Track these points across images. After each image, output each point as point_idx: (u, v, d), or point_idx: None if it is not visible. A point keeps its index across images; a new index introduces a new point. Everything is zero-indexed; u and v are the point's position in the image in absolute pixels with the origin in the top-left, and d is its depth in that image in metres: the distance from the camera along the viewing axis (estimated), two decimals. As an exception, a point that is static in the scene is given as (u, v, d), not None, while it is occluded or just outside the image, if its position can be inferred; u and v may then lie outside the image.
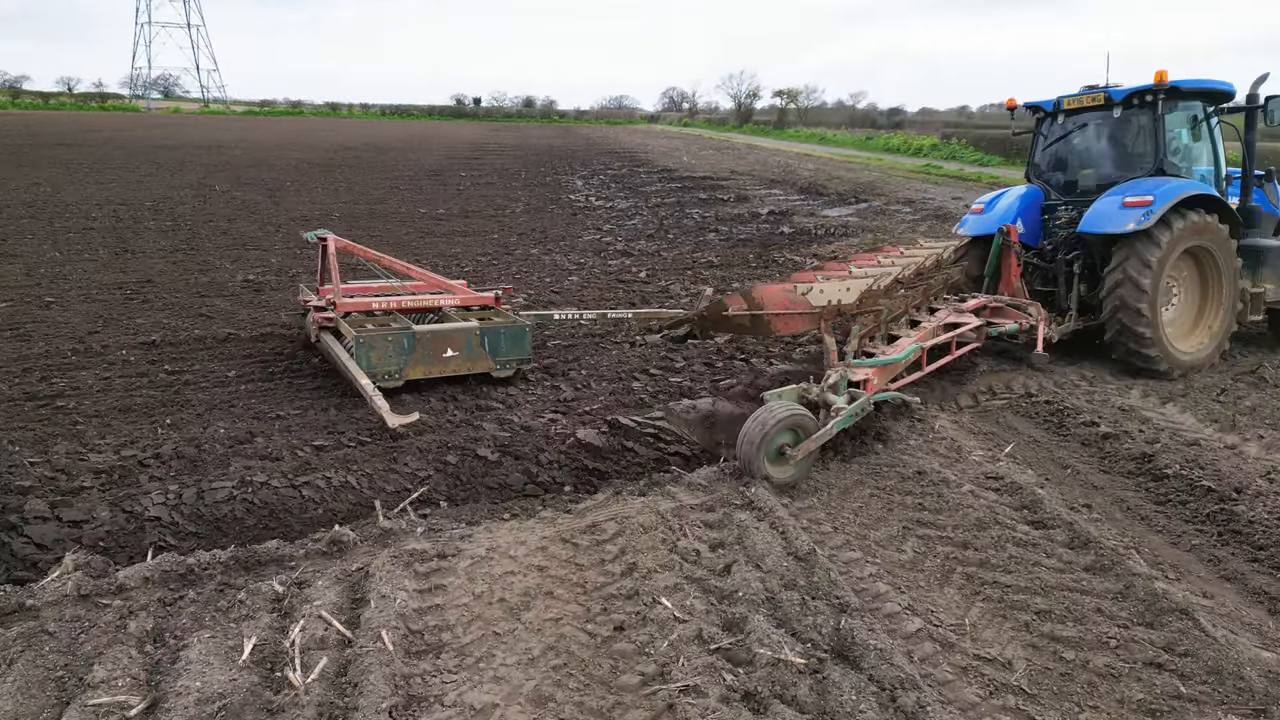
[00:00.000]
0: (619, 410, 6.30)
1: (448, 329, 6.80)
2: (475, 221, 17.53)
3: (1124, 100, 8.00)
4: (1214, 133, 8.34)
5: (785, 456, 5.21)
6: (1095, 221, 7.60)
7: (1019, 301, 7.76)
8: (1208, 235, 7.67)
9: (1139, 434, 6.16)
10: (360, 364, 6.26)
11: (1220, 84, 8.04)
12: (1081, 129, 8.56)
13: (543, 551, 4.43)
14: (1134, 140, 8.15)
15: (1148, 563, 4.42)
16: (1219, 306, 7.94)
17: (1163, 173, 7.84)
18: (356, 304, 7.30)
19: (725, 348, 8.30)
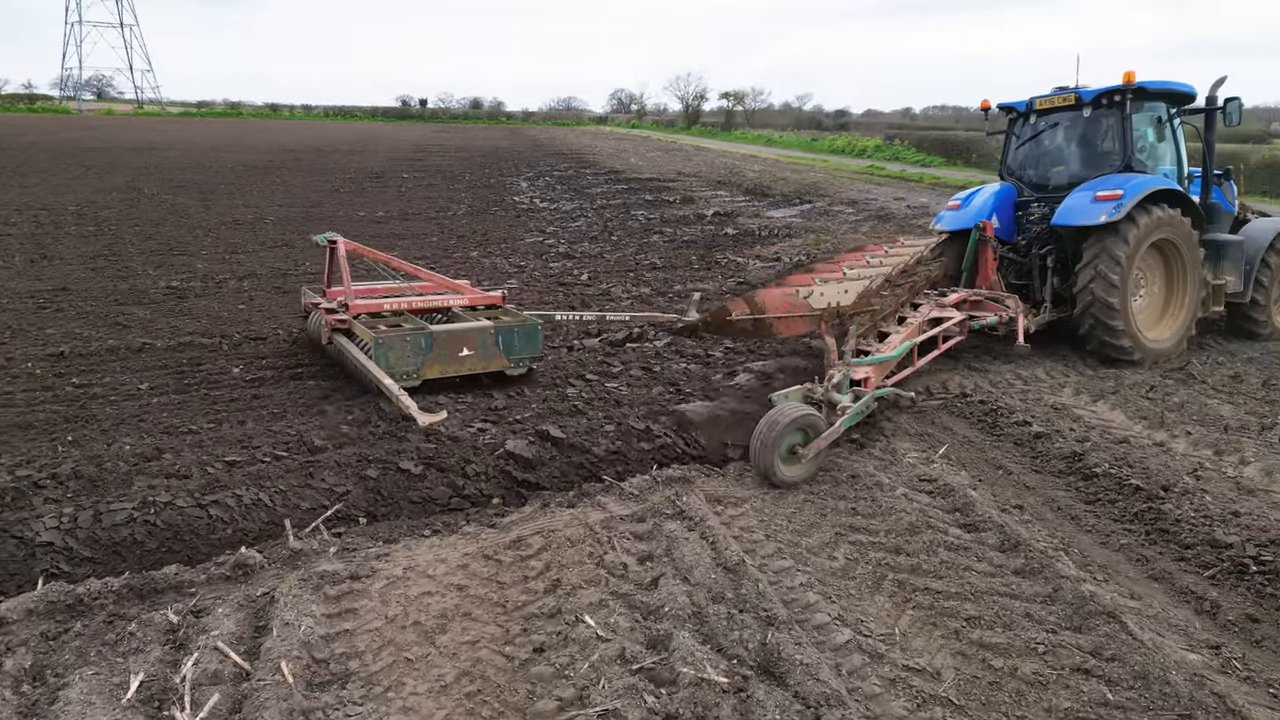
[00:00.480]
0: (552, 418, 6.13)
1: (464, 328, 6.78)
2: (415, 224, 17.18)
3: (1093, 100, 8.29)
4: (1176, 133, 8.68)
5: (797, 455, 5.37)
6: (1068, 215, 7.87)
7: (997, 295, 7.94)
8: (1173, 229, 7.95)
9: (1070, 432, 6.19)
10: (379, 364, 6.21)
11: (1183, 86, 8.37)
12: (1053, 128, 8.84)
13: (463, 569, 4.25)
14: (1103, 139, 8.44)
15: (1077, 564, 4.40)
16: (1184, 298, 8.24)
17: (1130, 170, 8.11)
18: (367, 305, 7.27)
19: (664, 351, 8.18)
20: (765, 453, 5.25)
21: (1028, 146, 9.02)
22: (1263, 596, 4.14)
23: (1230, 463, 5.80)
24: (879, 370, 6.34)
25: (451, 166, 32.66)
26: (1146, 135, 8.44)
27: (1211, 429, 6.43)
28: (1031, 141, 8.98)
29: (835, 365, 6.08)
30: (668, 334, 8.52)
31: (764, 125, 74.36)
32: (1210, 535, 4.60)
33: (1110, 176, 8.06)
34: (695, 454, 5.92)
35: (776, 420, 5.29)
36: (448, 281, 7.92)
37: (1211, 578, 4.36)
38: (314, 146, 43.33)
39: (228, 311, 9.55)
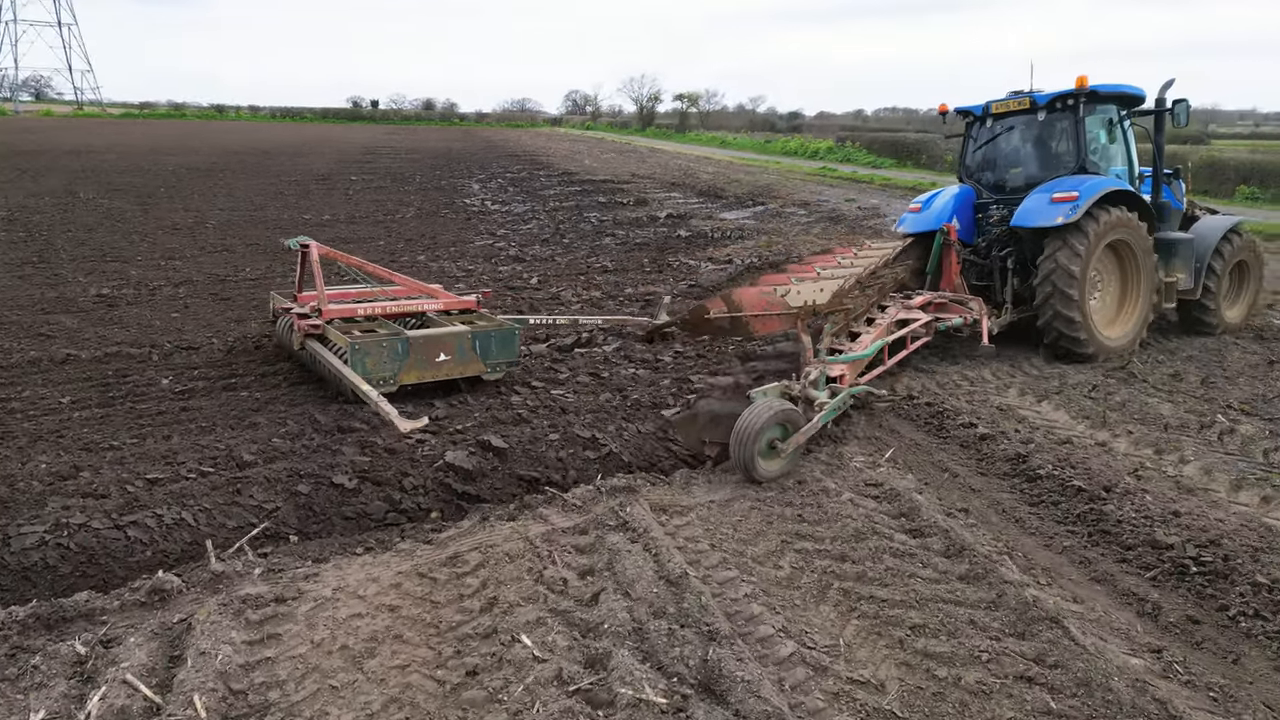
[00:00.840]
0: (494, 428, 5.97)
1: (441, 333, 6.69)
2: (362, 228, 16.84)
3: (1048, 104, 8.45)
4: (1127, 134, 8.89)
5: (776, 450, 5.43)
6: (1027, 216, 8.04)
7: (961, 297, 8.12)
8: (1127, 229, 8.15)
9: (1015, 434, 6.20)
10: (355, 370, 6.12)
11: (1132, 89, 8.58)
12: (1009, 131, 9.02)
13: (396, 589, 4.08)
14: (1057, 141, 8.63)
15: (1020, 568, 4.38)
16: (1138, 296, 8.42)
17: (1084, 171, 8.29)
18: (341, 310, 7.16)
19: (612, 356, 8.06)
20: (745, 448, 5.29)
21: (985, 149, 9.17)
22: (1203, 598, 4.16)
23: (1170, 462, 5.86)
24: (853, 368, 6.46)
25: (401, 168, 32.19)
26: (1099, 137, 8.60)
27: (1152, 428, 6.50)
28: (989, 144, 9.13)
29: (811, 362, 6.19)
30: (640, 336, 8.50)
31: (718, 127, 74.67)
32: (1151, 536, 4.61)
33: (1066, 179, 8.20)
34: (640, 463, 5.81)
35: (756, 416, 5.33)
36: (422, 286, 7.80)
37: (1153, 579, 4.37)
38: (260, 148, 42.43)
39: (160, 320, 9.21)
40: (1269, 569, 4.22)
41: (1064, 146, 8.56)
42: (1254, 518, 4.94)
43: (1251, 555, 4.35)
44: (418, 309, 7.35)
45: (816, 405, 5.73)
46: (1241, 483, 5.48)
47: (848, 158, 39.57)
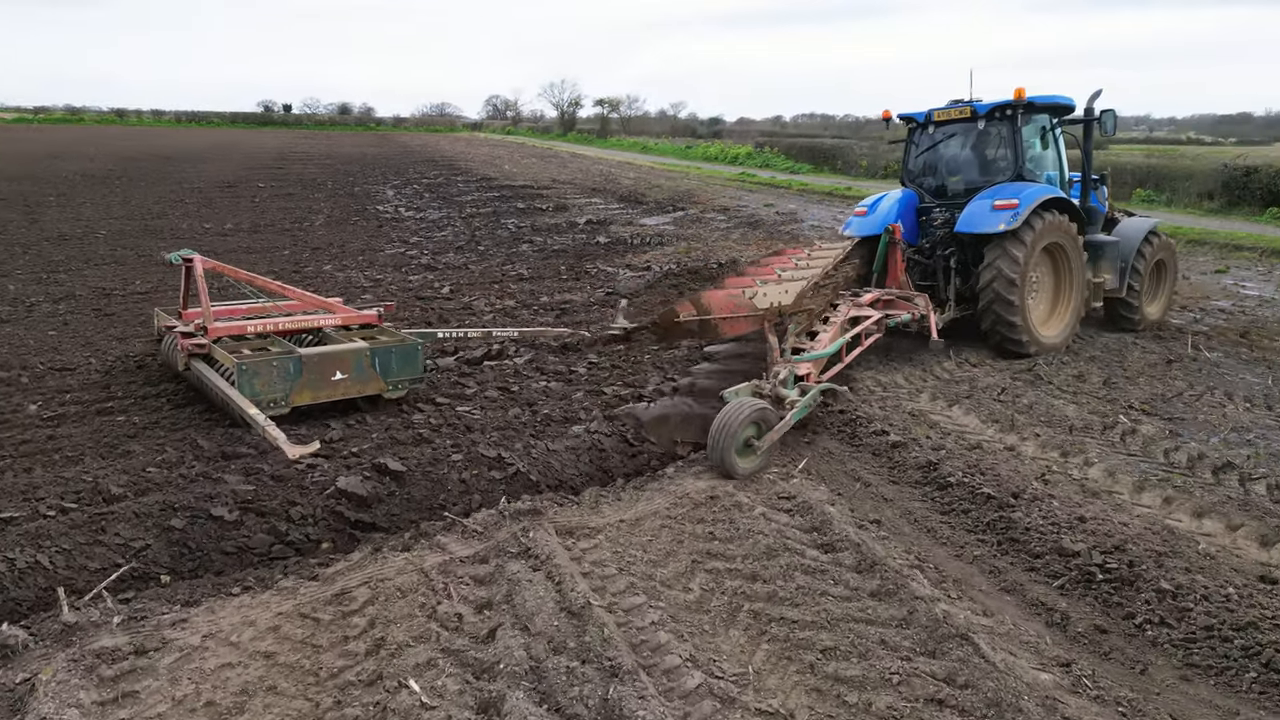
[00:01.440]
0: (393, 449, 5.66)
1: (337, 350, 6.33)
2: (266, 237, 16.13)
3: (987, 114, 8.84)
4: (1058, 141, 9.39)
5: (751, 448, 5.62)
6: (970, 222, 8.41)
7: (908, 294, 8.33)
8: (1062, 234, 8.60)
9: (926, 440, 6.19)
10: (243, 392, 5.75)
11: (1064, 99, 9.04)
12: (950, 138, 9.43)
13: (274, 633, 3.76)
14: (996, 149, 9.08)
15: (932, 582, 4.30)
16: (1070, 296, 8.89)
17: (1021, 178, 8.71)
18: (229, 328, 6.72)
19: (524, 369, 7.80)
20: (723, 447, 5.49)
21: (927, 155, 9.53)
22: (1109, 606, 4.15)
23: (1076, 464, 5.92)
24: (817, 366, 6.74)
25: (313, 175, 31.17)
26: (1034, 145, 9.01)
27: (1058, 430, 6.58)
28: (930, 150, 9.50)
29: (779, 362, 6.49)
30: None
31: (640, 132, 74.75)
32: (1058, 543, 4.61)
33: (1005, 185, 8.61)
34: (549, 482, 5.58)
35: (733, 416, 5.53)
36: (319, 300, 7.38)
37: (1061, 588, 4.35)
38: (161, 154, 40.62)
39: (35, 339, 8.55)
40: (1172, 574, 4.24)
41: (1002, 154, 8.96)
42: (1156, 520, 5.00)
43: (1156, 560, 4.38)
44: (314, 325, 6.96)
45: (788, 403, 5.97)
46: (1144, 484, 5.57)
47: (766, 163, 40.01)
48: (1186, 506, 5.23)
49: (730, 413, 5.58)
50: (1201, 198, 22.35)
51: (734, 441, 5.50)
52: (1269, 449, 6.27)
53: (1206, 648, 3.75)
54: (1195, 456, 6.04)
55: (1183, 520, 5.08)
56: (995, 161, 9.05)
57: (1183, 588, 4.11)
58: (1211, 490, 5.48)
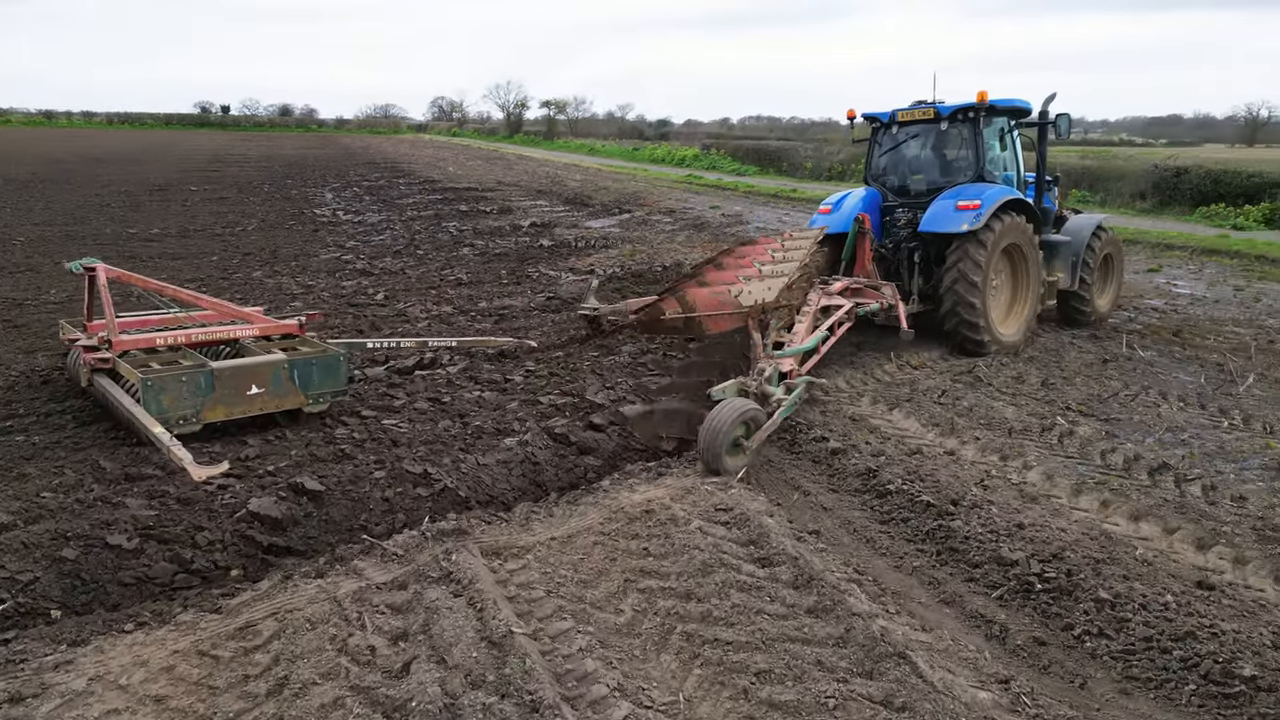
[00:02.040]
0: (312, 467, 5.36)
1: (252, 363, 6.00)
2: (195, 242, 15.54)
3: (950, 116, 9.06)
4: (1015, 143, 9.64)
5: (740, 447, 5.66)
6: (933, 222, 8.57)
7: (875, 283, 8.60)
8: (1020, 234, 8.78)
9: (866, 447, 6.09)
10: (149, 409, 5.40)
11: (1021, 102, 9.30)
12: (913, 139, 9.62)
13: (168, 673, 3.47)
14: (957, 150, 9.29)
15: (870, 596, 4.18)
16: (1027, 294, 9.12)
17: (982, 179, 8.92)
18: (137, 340, 6.33)
19: (457, 378, 7.53)
20: (713, 447, 5.53)
21: (890, 155, 9.72)
22: (1048, 616, 4.07)
23: (1015, 468, 5.87)
24: (799, 360, 6.78)
25: (250, 177, 30.32)
26: (994, 147, 9.21)
27: (997, 433, 6.55)
28: (894, 150, 9.70)
29: (762, 359, 6.54)
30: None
31: (588, 134, 74.49)
32: (997, 552, 4.52)
33: (967, 186, 8.80)
34: (479, 497, 5.35)
35: (723, 417, 5.57)
36: (235, 310, 6.99)
37: (1000, 598, 4.26)
38: (90, 156, 39.25)
39: (-68, 352, 8.01)
40: (1110, 582, 4.18)
41: (964, 155, 9.16)
42: (1094, 525, 4.95)
43: (1094, 568, 4.31)
44: (229, 336, 6.60)
45: (774, 401, 6.02)
46: (1081, 487, 5.53)
47: (713, 165, 40.09)
48: (1124, 510, 5.20)
49: (720, 414, 5.60)
50: (1134, 198, 22.93)
51: (724, 442, 5.53)
52: (1203, 448, 6.31)
53: (1146, 659, 3.68)
54: (1131, 458, 6.05)
55: (1120, 524, 5.05)
56: (957, 162, 9.26)
57: (1121, 596, 4.04)
58: (1148, 492, 5.47)
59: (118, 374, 6.00)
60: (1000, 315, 8.97)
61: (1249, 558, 4.58)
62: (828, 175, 33.58)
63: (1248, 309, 11.30)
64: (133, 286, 6.91)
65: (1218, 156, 34.90)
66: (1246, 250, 15.79)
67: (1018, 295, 9.19)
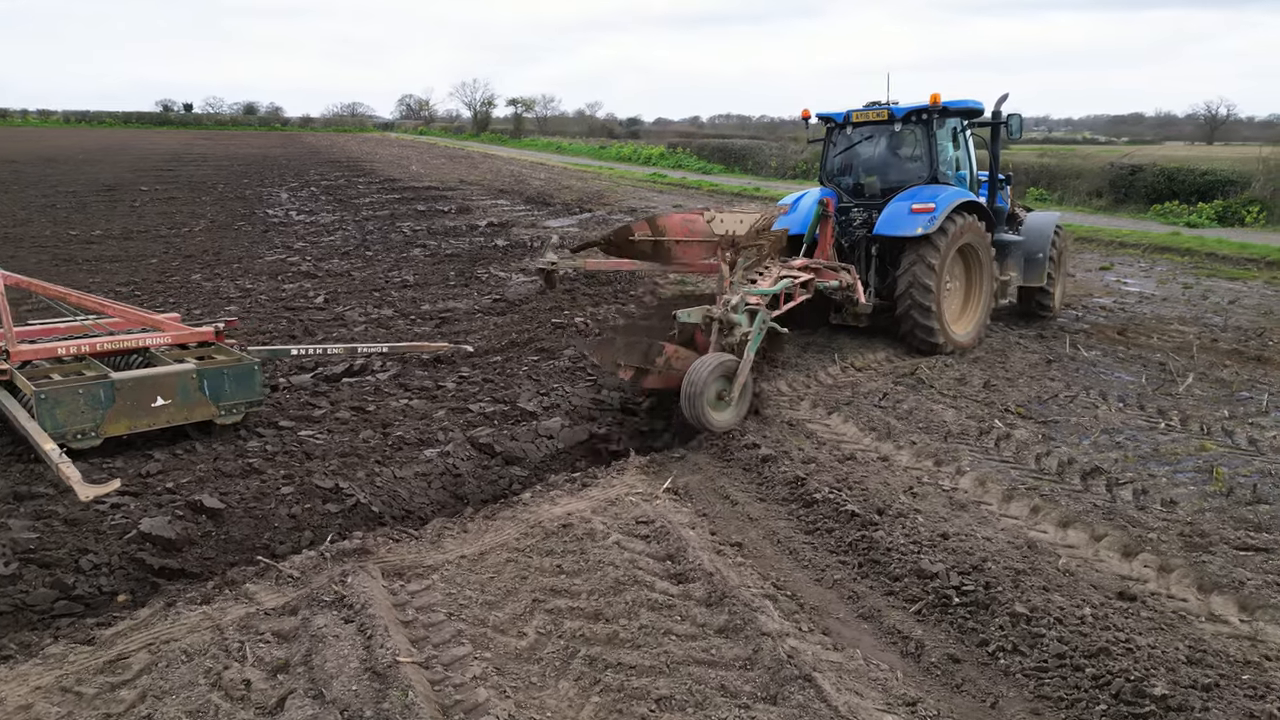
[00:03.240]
0: (216, 483, 5.13)
1: (156, 374, 5.76)
2: (138, 243, 15.11)
3: (904, 117, 9.08)
4: (968, 143, 9.75)
5: (724, 400, 6.05)
6: (889, 225, 8.57)
7: (835, 265, 8.71)
8: (974, 235, 8.82)
9: (798, 454, 5.94)
10: (44, 424, 5.16)
11: (974, 103, 9.38)
12: (867, 139, 9.65)
13: (25, 712, 3.24)
14: (911, 151, 9.35)
15: (784, 613, 4.03)
16: (980, 294, 9.18)
17: (936, 180, 8.96)
18: (38, 350, 6.06)
19: (386, 385, 7.30)
20: (695, 403, 5.87)
21: (845, 155, 9.76)
22: (964, 632, 3.94)
23: (948, 474, 5.77)
24: (763, 300, 6.79)
25: (206, 177, 29.72)
26: (947, 148, 9.27)
27: (934, 437, 6.45)
28: (848, 151, 9.74)
29: (728, 291, 6.65)
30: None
31: (557, 132, 74.12)
32: (917, 564, 4.39)
33: (921, 188, 8.82)
34: (394, 512, 5.15)
35: (698, 374, 5.88)
36: (146, 317, 6.72)
37: (918, 613, 4.13)
38: (43, 156, 38.30)
39: None
40: (1028, 595, 4.06)
41: (918, 156, 9.22)
42: (1020, 533, 4.85)
43: (1013, 580, 4.20)
44: (138, 345, 6.32)
45: (738, 333, 6.30)
46: (1013, 493, 5.44)
47: (679, 164, 39.96)
48: (1053, 516, 5.11)
49: (697, 370, 5.89)
50: (1091, 196, 23.11)
51: (707, 396, 5.89)
52: (1138, 451, 6.25)
53: (1058, 677, 3.56)
54: (1065, 462, 5.97)
55: (1048, 531, 4.96)
56: (910, 163, 9.31)
57: (1037, 610, 3.92)
58: (1078, 498, 5.39)
59: (15, 386, 5.72)
60: (954, 315, 9.03)
61: (1174, 565, 4.50)
62: (791, 174, 33.60)
63: (1194, 306, 11.35)
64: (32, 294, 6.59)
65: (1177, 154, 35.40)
66: (1197, 248, 15.93)
67: (971, 295, 9.23)
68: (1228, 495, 5.44)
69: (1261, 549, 4.70)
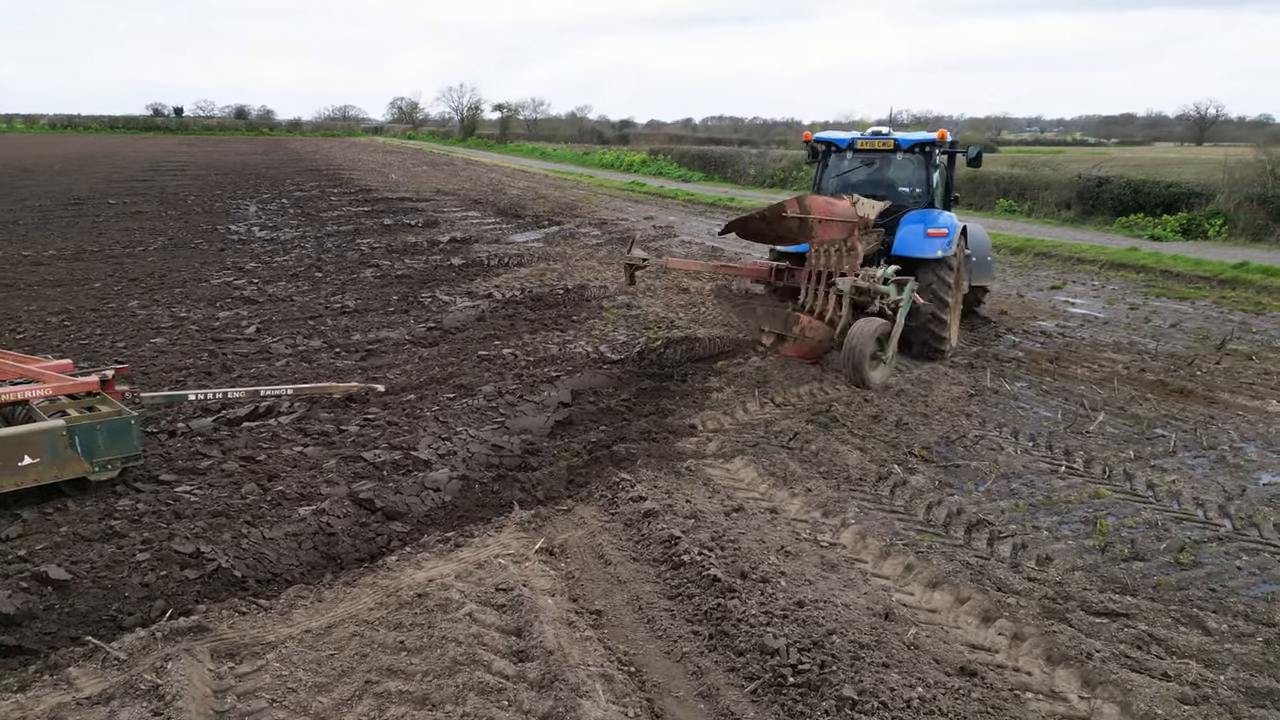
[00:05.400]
0: (70, 549, 5.04)
1: (20, 432, 5.61)
2: (86, 264, 15.01)
3: (909, 148, 10.02)
4: (939, 168, 10.51)
5: (878, 360, 7.62)
6: (909, 247, 9.38)
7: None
8: (961, 252, 10.05)
9: (684, 506, 5.87)
10: None
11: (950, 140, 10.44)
12: (867, 164, 10.53)
13: None
14: (908, 176, 10.34)
15: (616, 695, 3.96)
16: (957, 303, 10.18)
17: (933, 205, 9.89)
18: None
19: (285, 430, 7.22)
20: (855, 360, 7.52)
21: (840, 177, 10.55)
22: (793, 716, 3.87)
23: (831, 526, 5.70)
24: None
25: (180, 187, 29.64)
26: (936, 176, 10.15)
27: (831, 482, 6.39)
28: (845, 173, 10.55)
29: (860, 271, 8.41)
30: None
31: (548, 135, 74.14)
32: (761, 639, 4.32)
33: (926, 212, 9.66)
34: (259, 575, 5.06)
35: (864, 334, 7.61)
36: (25, 368, 6.57)
37: (754, 693, 4.06)
38: (21, 166, 38.16)
39: None
40: (863, 674, 3.99)
41: (916, 182, 10.19)
42: (883, 597, 4.78)
43: (853, 656, 4.13)
44: (16, 398, 6.21)
45: (887, 300, 8.09)
46: (890, 549, 5.38)
47: (660, 171, 39.94)
48: (924, 576, 5.05)
49: (857, 336, 7.49)
50: (1059, 207, 23.07)
51: (865, 355, 7.47)
52: (1031, 499, 6.19)
53: (869, 771, 3.50)
54: (954, 512, 5.91)
55: (914, 593, 4.90)
56: (903, 185, 10.30)
57: (866, 692, 3.86)
58: (955, 554, 5.33)
59: None
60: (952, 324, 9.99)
61: (1027, 634, 4.44)
62: (770, 183, 33.56)
63: (1134, 330, 11.30)
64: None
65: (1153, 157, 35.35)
66: (1153, 265, 15.89)
67: (954, 305, 9.99)
68: (1104, 551, 5.38)
69: (1120, 614, 4.64)
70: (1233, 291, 13.93)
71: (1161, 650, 4.33)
